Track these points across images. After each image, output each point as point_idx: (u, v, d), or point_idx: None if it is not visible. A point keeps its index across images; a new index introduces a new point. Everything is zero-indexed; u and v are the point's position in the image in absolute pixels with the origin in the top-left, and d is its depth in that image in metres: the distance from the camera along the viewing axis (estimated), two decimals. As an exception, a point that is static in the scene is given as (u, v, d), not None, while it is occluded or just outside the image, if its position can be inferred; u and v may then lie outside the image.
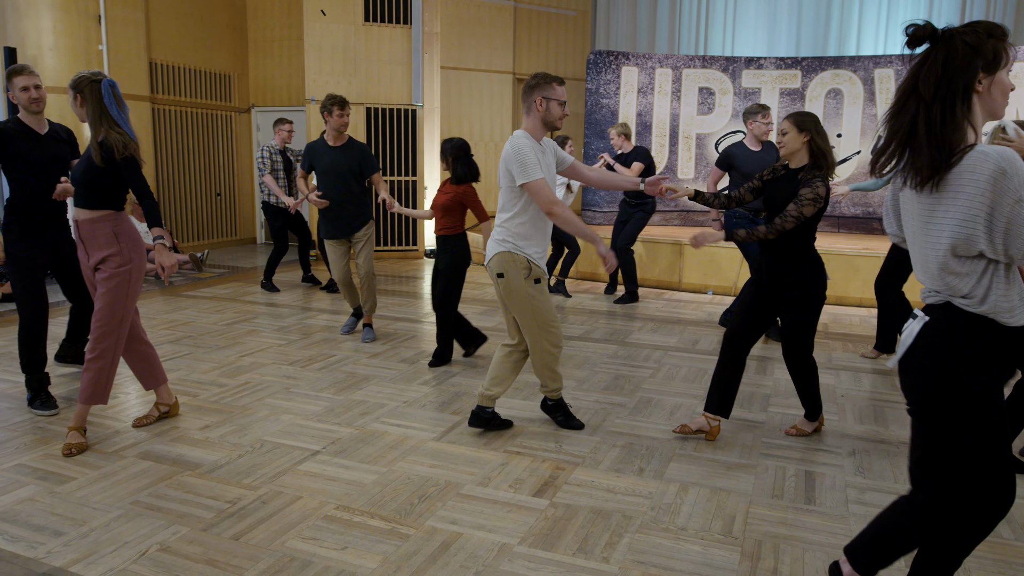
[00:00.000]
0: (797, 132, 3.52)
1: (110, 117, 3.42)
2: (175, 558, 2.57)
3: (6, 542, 2.65)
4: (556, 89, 3.52)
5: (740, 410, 4.19)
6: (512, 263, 3.55)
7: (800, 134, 3.51)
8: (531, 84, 3.55)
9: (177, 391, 4.36)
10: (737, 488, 3.19)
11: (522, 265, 3.55)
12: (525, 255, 3.56)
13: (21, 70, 3.91)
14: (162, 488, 3.10)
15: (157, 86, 9.87)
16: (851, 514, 2.97)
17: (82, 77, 3.44)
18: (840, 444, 3.73)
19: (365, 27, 9.81)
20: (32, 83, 3.90)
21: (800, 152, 3.55)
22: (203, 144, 10.78)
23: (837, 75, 9.62)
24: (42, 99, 3.99)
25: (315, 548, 2.64)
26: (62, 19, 8.30)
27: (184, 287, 7.90)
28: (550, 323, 3.63)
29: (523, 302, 3.57)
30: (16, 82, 3.89)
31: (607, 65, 9.99)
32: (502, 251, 3.57)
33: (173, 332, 5.81)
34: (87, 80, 3.43)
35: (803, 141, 3.52)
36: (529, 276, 3.56)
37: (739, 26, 11.15)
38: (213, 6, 10.72)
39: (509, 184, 3.53)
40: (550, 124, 3.56)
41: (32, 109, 3.96)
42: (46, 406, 4.02)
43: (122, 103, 3.46)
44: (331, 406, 4.16)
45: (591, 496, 3.09)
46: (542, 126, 3.56)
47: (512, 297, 3.59)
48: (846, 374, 4.98)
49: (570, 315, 6.67)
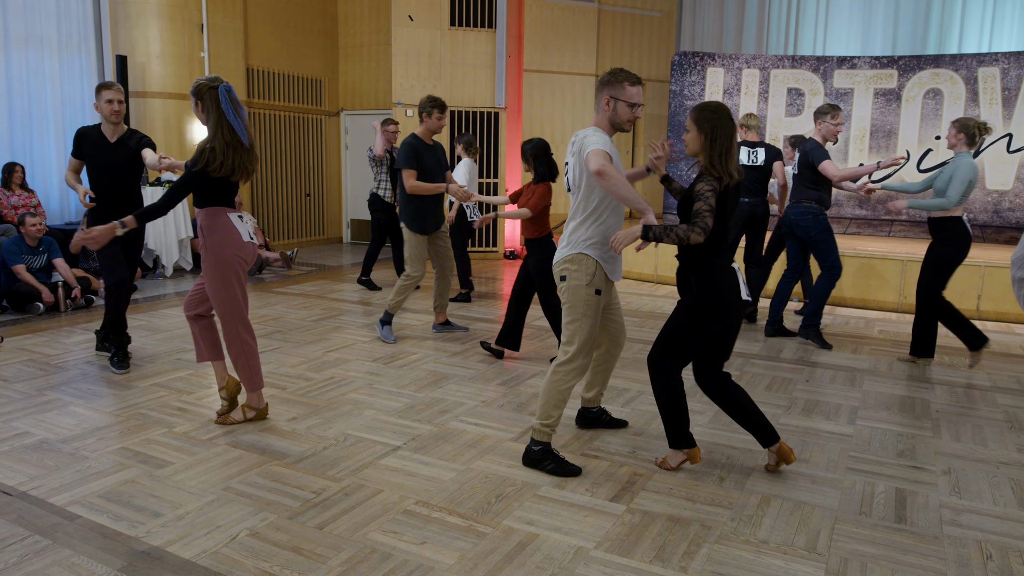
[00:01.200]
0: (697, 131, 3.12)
1: (227, 122, 3.58)
2: (263, 544, 2.68)
3: (110, 520, 2.83)
4: (627, 89, 3.26)
5: (826, 422, 4.06)
6: (577, 265, 3.31)
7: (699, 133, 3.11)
8: (603, 80, 3.31)
9: (267, 383, 4.54)
10: (822, 503, 3.09)
11: (588, 269, 3.31)
12: (595, 259, 3.32)
13: (110, 85, 4.65)
14: (252, 476, 3.24)
15: (253, 91, 10.30)
16: (945, 536, 2.84)
17: (201, 83, 3.60)
18: (934, 462, 3.56)
19: (451, 31, 9.97)
20: (117, 97, 4.61)
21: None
22: (294, 146, 11.17)
23: (937, 74, 9.20)
24: (121, 111, 4.68)
25: (395, 541, 2.71)
26: (168, 28, 8.76)
27: (274, 284, 8.21)
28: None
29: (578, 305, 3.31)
30: (104, 95, 4.61)
31: (692, 66, 9.84)
32: (571, 253, 3.34)
33: (264, 327, 6.05)
34: (206, 86, 3.60)
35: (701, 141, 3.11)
36: (591, 283, 3.31)
37: (831, 24, 10.79)
38: (306, 14, 11.10)
39: (587, 183, 3.30)
40: (617, 125, 3.32)
41: (112, 120, 4.64)
42: (120, 366, 4.72)
43: (239, 106, 3.63)
44: (412, 403, 4.25)
45: (669, 504, 3.06)
46: (609, 126, 3.33)
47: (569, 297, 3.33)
48: (941, 389, 4.75)
49: (648, 320, 6.60)
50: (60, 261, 6.70)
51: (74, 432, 3.70)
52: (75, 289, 6.64)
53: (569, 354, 3.32)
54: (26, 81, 8.03)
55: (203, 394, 4.37)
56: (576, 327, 3.31)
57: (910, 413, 4.27)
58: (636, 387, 4.61)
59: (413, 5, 9.88)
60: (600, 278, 3.34)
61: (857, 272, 7.42)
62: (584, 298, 3.30)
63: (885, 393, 4.63)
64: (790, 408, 4.29)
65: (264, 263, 8.99)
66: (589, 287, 3.30)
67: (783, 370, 5.08)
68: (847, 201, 9.85)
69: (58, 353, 5.18)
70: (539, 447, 3.36)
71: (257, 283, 8.26)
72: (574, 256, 3.33)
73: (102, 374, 4.71)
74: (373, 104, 11.60)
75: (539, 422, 3.35)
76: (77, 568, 2.50)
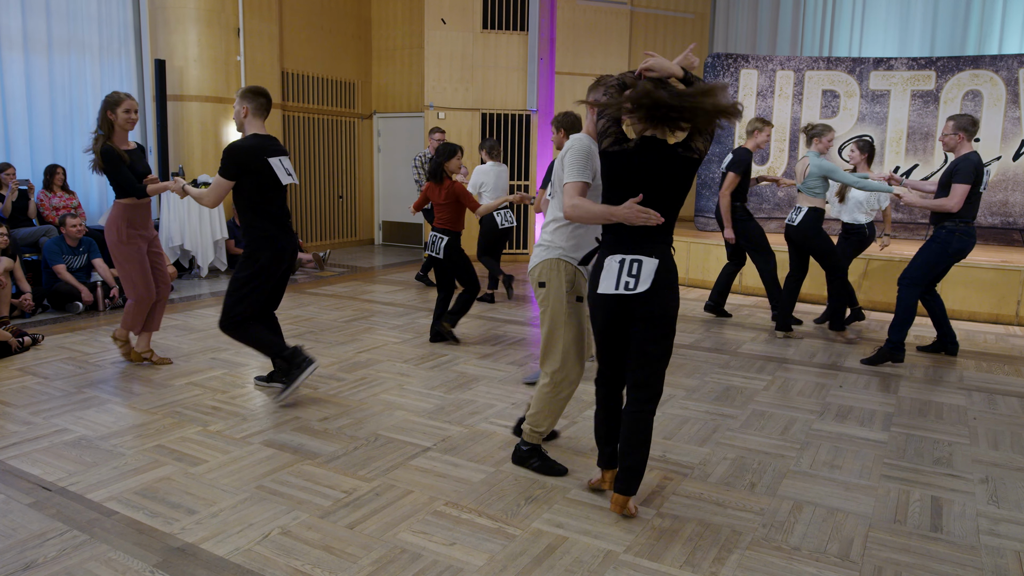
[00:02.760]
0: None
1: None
2: (295, 542, 2.71)
3: (146, 516, 2.88)
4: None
5: (861, 428, 4.00)
6: (556, 271, 3.21)
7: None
8: (594, 86, 3.24)
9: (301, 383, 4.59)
10: (856, 510, 3.05)
11: (567, 275, 3.21)
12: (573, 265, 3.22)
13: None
14: (284, 475, 3.28)
15: (288, 94, 10.43)
16: (982, 545, 2.78)
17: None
18: (971, 470, 3.49)
19: (483, 34, 10.01)
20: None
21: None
22: (327, 149, 11.29)
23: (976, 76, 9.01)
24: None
25: (425, 542, 2.73)
26: (206, 32, 8.92)
27: (307, 285, 8.30)
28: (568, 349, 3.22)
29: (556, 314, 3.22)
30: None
31: (725, 68, 9.76)
32: (549, 258, 3.23)
33: (297, 327, 6.12)
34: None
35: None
36: (571, 290, 3.21)
37: (868, 25, 10.62)
38: (340, 17, 11.22)
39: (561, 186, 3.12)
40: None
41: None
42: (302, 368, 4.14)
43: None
44: (442, 404, 4.27)
45: (700, 509, 3.03)
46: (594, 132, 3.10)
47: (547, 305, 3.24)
48: (979, 395, 4.66)
49: (680, 323, 6.55)
50: (99, 261, 6.85)
51: (111, 429, 3.78)
52: (113, 289, 6.78)
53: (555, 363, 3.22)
54: (68, 85, 8.22)
55: (236, 393, 4.44)
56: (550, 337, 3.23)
57: (946, 420, 4.18)
58: (667, 391, 4.58)
59: (446, 8, 9.93)
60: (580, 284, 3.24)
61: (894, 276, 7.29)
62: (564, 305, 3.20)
63: (920, 399, 4.55)
64: (823, 414, 4.23)
65: (297, 264, 9.10)
66: (571, 294, 3.20)
67: (816, 375, 5.01)
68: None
69: (96, 352, 5.29)
70: (527, 448, 3.40)
71: (290, 284, 8.36)
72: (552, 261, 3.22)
73: (138, 373, 4.80)
74: (406, 107, 11.68)
75: (529, 427, 3.36)
76: (114, 563, 2.55)
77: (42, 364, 4.95)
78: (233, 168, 4.09)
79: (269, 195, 4.18)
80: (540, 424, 3.33)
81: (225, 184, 4.13)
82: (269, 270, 4.20)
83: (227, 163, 4.08)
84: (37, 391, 4.39)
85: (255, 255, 4.17)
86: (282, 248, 4.24)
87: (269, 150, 4.15)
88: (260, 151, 4.11)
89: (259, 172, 4.11)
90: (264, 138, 4.18)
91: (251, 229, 4.19)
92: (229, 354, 5.27)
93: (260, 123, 4.21)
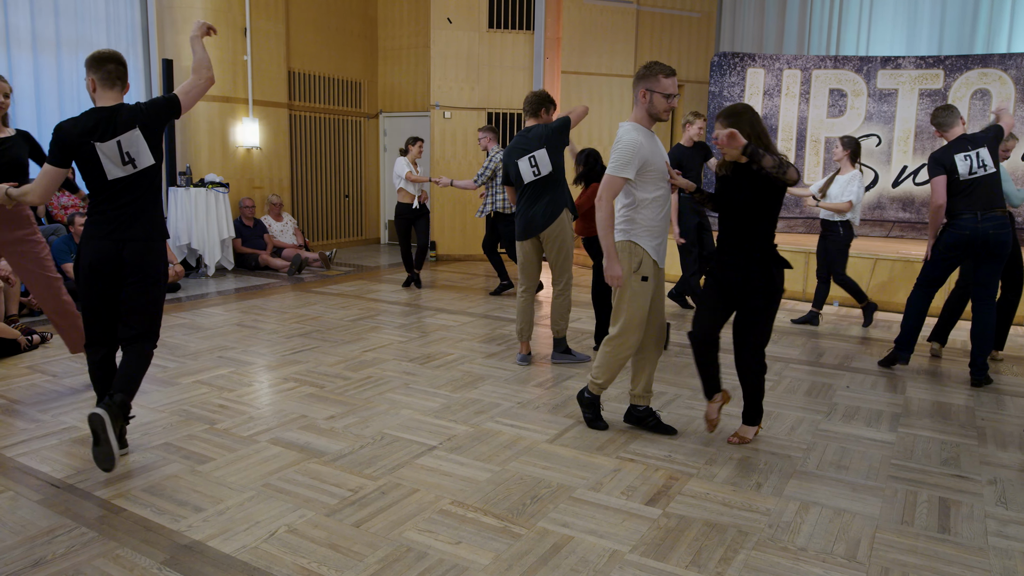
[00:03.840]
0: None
1: None
2: (301, 540, 2.72)
3: (153, 514, 2.89)
4: (661, 81, 3.49)
5: (868, 429, 3.98)
6: (625, 252, 3.60)
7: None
8: (639, 75, 3.56)
9: (305, 382, 4.61)
10: (863, 511, 3.04)
11: (635, 256, 3.58)
12: (641, 246, 3.59)
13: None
14: (290, 473, 3.29)
15: (294, 93, 10.45)
16: (991, 547, 2.77)
17: None
18: (979, 471, 3.48)
19: (489, 34, 10.01)
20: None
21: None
22: (334, 148, 11.32)
23: (985, 74, 8.98)
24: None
25: (430, 540, 2.73)
26: (212, 32, 8.93)
27: (313, 284, 8.32)
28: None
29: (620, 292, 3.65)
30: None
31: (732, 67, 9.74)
32: (620, 240, 3.62)
33: (303, 326, 6.14)
34: None
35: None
36: (639, 270, 3.58)
37: (875, 24, 10.59)
38: (346, 17, 11.23)
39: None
40: (655, 116, 3.56)
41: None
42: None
43: None
44: (448, 403, 4.27)
45: (706, 509, 3.03)
46: (647, 117, 3.57)
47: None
48: (987, 396, 4.63)
49: (687, 323, 6.54)
50: (107, 260, 6.86)
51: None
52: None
53: (617, 329, 3.69)
54: (76, 84, 8.26)
55: (243, 392, 4.45)
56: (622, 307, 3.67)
57: (954, 421, 4.17)
58: (672, 390, 4.58)
59: (452, 7, 9.94)
60: (648, 265, 3.60)
61: (900, 276, 7.26)
62: (630, 283, 3.61)
63: (929, 400, 4.53)
64: (830, 414, 4.22)
65: (303, 263, 9.12)
66: (637, 273, 3.59)
67: (824, 375, 5.00)
68: (890, 204, 9.65)
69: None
70: (589, 396, 3.90)
71: (296, 283, 8.38)
72: (621, 244, 3.61)
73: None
74: (411, 106, 11.69)
75: (591, 378, 3.86)
76: (122, 560, 2.57)
77: (51, 362, 4.98)
78: (55, 150, 3.23)
79: (94, 186, 3.31)
80: (599, 377, 3.81)
81: (49, 170, 3.27)
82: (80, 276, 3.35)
83: (51, 145, 3.25)
84: (46, 389, 4.41)
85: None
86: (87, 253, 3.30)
87: (100, 130, 3.23)
88: (86, 132, 3.22)
89: (85, 159, 3.25)
90: (99, 112, 3.26)
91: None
92: (236, 352, 5.29)
93: (111, 95, 3.31)
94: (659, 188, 3.58)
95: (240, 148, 9.49)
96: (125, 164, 3.27)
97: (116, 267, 3.28)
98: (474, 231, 10.35)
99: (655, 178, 3.56)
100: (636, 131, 3.53)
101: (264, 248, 9.27)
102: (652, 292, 3.66)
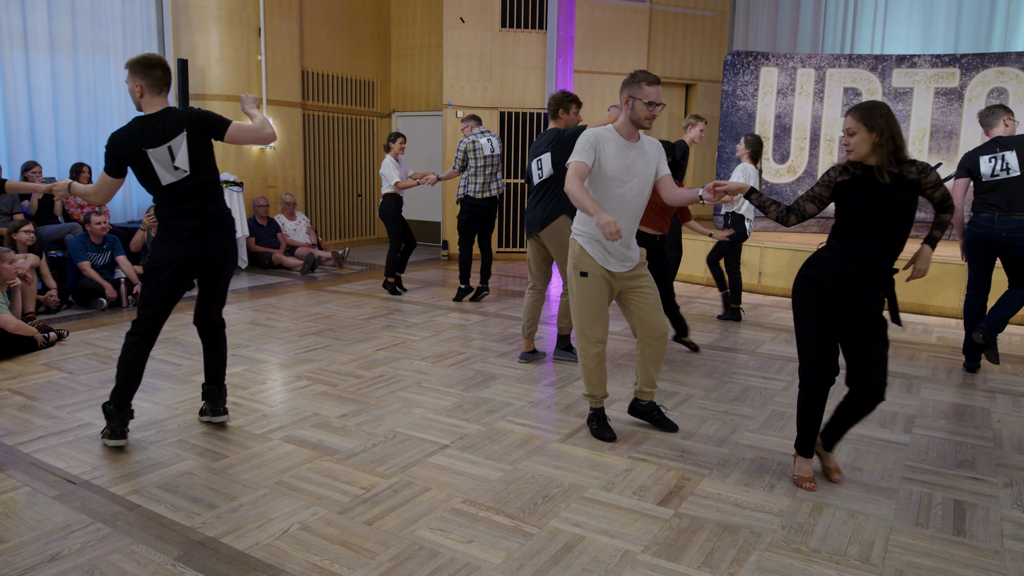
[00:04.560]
0: (867, 131, 2.98)
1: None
2: (314, 538, 2.73)
3: (168, 510, 2.92)
4: (644, 88, 3.51)
5: (882, 430, 3.96)
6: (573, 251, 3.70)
7: (870, 133, 2.97)
8: (624, 81, 3.59)
9: (318, 380, 4.63)
10: (877, 513, 3.02)
11: (574, 253, 3.67)
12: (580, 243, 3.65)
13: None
14: (303, 471, 3.31)
15: (308, 93, 10.49)
16: (1006, 550, 2.75)
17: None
18: (995, 473, 3.45)
19: (501, 33, 10.01)
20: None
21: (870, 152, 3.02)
22: (347, 147, 11.36)
23: (1002, 73, 8.89)
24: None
25: (442, 539, 2.74)
26: (227, 32, 8.99)
27: (326, 282, 8.36)
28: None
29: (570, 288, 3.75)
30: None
31: (745, 66, 9.70)
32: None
33: (316, 324, 6.16)
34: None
35: (873, 141, 2.99)
36: (576, 266, 3.65)
37: (890, 22, 10.51)
38: (360, 17, 11.27)
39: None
40: (636, 123, 3.57)
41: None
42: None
43: None
44: (459, 402, 4.28)
45: (718, 509, 3.02)
46: (629, 124, 3.59)
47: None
48: (1003, 397, 4.59)
49: (698, 322, 6.53)
50: (123, 259, 6.93)
51: (134, 424, 3.82)
52: (136, 286, 6.86)
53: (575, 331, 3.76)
54: (93, 85, 8.33)
55: (257, 390, 4.48)
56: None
57: (970, 422, 4.13)
58: (685, 391, 4.57)
59: (465, 7, 9.95)
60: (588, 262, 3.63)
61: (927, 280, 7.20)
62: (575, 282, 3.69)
63: (944, 401, 4.49)
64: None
65: (316, 262, 9.16)
66: (575, 270, 3.66)
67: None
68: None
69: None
70: (592, 411, 3.85)
71: (309, 282, 8.42)
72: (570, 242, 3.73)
73: (161, 368, 4.86)
74: (424, 106, 11.72)
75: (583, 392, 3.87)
76: (136, 556, 2.59)
77: (67, 359, 5.02)
78: (109, 160, 3.40)
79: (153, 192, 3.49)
80: (585, 387, 3.83)
81: (106, 179, 3.45)
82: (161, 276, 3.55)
83: (105, 155, 3.42)
84: (62, 386, 4.45)
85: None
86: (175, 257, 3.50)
87: (150, 136, 3.36)
88: (137, 140, 3.35)
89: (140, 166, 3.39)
90: (148, 120, 3.38)
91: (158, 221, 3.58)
92: (249, 351, 5.32)
93: (159, 101, 3.41)
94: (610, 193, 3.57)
95: (254, 147, 9.55)
96: (176, 170, 3.43)
97: (200, 265, 3.58)
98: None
99: (606, 182, 3.57)
100: (604, 129, 3.59)
101: (277, 247, 9.32)
102: (601, 289, 3.62)
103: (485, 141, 6.97)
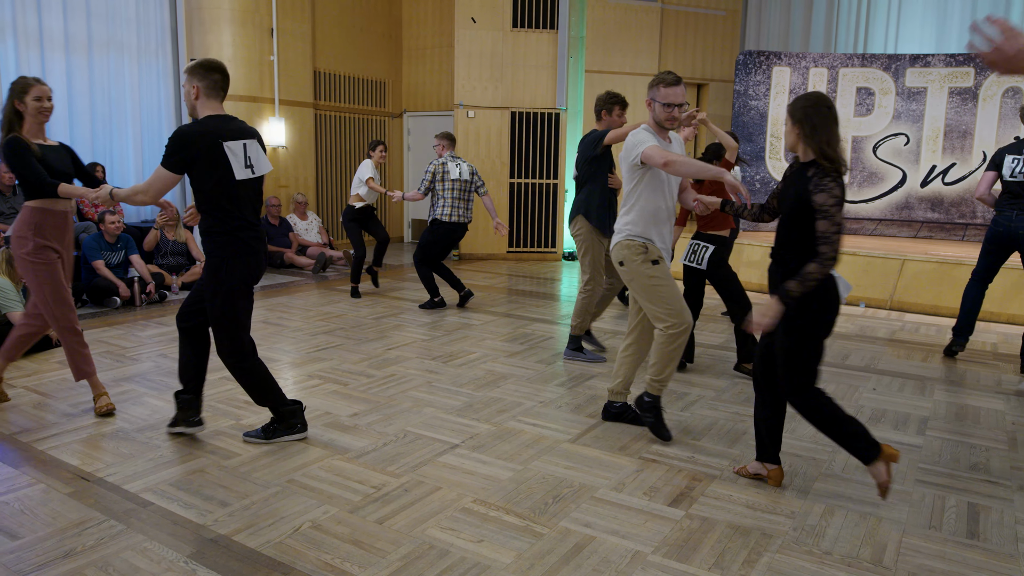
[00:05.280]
0: (792, 122, 2.92)
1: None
2: (325, 536, 2.75)
3: (181, 508, 2.94)
4: (660, 91, 3.58)
5: (895, 433, 3.94)
6: (629, 250, 3.68)
7: (795, 124, 2.90)
8: (648, 83, 3.67)
9: (329, 379, 4.65)
10: (889, 515, 3.00)
11: (638, 250, 3.65)
12: (642, 240, 3.66)
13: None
14: (315, 469, 3.32)
15: (319, 93, 10.53)
16: (1020, 554, 2.73)
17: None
18: (1009, 476, 3.42)
19: (513, 33, 10.02)
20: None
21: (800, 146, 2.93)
22: (358, 147, 11.38)
23: (1018, 73, 8.81)
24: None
25: (452, 538, 2.74)
26: (240, 32, 9.04)
27: (338, 282, 8.38)
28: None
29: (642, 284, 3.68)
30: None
31: (757, 66, 9.67)
32: (620, 240, 3.73)
33: (327, 323, 6.19)
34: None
35: (797, 133, 2.90)
36: (646, 258, 3.64)
37: (904, 21, 10.44)
38: (371, 17, 11.30)
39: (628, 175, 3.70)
40: (659, 124, 3.65)
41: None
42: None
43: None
44: (470, 402, 4.29)
45: (729, 511, 3.01)
46: (655, 125, 3.67)
47: (632, 284, 3.71)
48: (1017, 400, 4.56)
49: (709, 323, 6.51)
50: (136, 257, 6.98)
51: (148, 422, 3.86)
52: (150, 285, 6.90)
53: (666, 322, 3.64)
54: (107, 85, 8.39)
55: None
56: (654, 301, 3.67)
57: (984, 424, 4.10)
58: (696, 391, 4.56)
59: (476, 7, 9.96)
60: (654, 251, 3.67)
61: (929, 278, 7.16)
62: (646, 275, 3.65)
63: (957, 403, 4.46)
64: (856, 416, 4.16)
65: (328, 261, 9.19)
66: (644, 263, 3.64)
67: (849, 377, 4.94)
68: (919, 204, 9.52)
69: (133, 346, 5.39)
70: (650, 399, 3.74)
71: (320, 281, 8.45)
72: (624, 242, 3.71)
73: (173, 367, 4.88)
74: (435, 106, 11.73)
75: (651, 378, 3.71)
76: (149, 553, 2.61)
77: (80, 358, 5.06)
78: (173, 153, 3.29)
79: (217, 190, 3.38)
80: (661, 372, 3.71)
81: (164, 174, 3.31)
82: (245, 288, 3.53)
83: (169, 148, 3.30)
84: (76, 384, 4.49)
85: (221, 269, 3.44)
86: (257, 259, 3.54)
87: (223, 130, 3.37)
88: (212, 131, 3.33)
89: (213, 160, 3.34)
90: (216, 118, 3.40)
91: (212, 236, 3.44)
92: (261, 350, 5.32)
93: (217, 105, 3.42)
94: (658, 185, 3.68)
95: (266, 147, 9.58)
96: (247, 167, 3.44)
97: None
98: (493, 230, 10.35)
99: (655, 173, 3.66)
100: (641, 129, 3.67)
101: (289, 246, 9.36)
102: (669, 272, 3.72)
103: (454, 166, 6.82)
